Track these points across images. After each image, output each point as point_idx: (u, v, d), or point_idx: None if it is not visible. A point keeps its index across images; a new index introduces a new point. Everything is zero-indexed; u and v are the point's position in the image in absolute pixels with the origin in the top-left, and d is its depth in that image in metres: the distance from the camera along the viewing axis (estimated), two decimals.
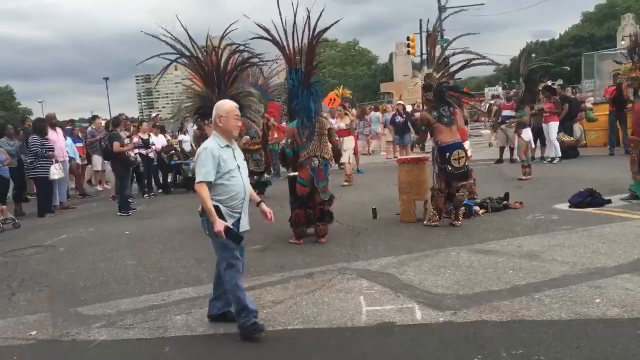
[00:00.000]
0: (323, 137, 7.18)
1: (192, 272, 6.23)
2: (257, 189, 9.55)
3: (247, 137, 10.20)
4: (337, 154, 8.04)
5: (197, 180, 4.13)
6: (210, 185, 4.12)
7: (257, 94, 10.64)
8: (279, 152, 10.58)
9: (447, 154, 7.42)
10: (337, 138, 7.54)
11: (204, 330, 4.47)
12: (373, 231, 7.59)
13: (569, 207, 8.04)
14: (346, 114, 14.28)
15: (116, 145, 10.71)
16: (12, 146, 11.21)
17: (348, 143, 13.21)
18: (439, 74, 7.64)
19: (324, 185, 7.17)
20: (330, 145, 7.27)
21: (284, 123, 12.12)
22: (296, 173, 7.37)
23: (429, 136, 7.93)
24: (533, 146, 12.66)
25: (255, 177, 10.28)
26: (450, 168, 7.44)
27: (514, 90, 11.31)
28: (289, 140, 7.41)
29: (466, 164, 7.58)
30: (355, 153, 14.73)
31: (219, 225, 4.02)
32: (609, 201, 8.04)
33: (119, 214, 10.71)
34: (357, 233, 7.51)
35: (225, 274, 4.25)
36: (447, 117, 7.49)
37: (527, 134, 11.45)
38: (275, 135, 13.22)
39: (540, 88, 13.27)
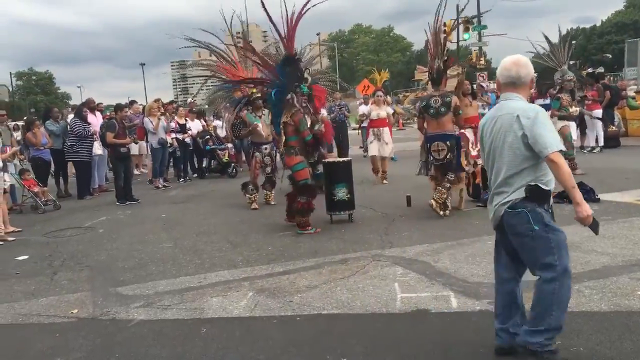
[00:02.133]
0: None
1: (227, 255, 6.31)
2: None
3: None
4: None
5: (552, 149, 3.04)
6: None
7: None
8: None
9: (428, 144, 7.56)
10: (321, 129, 7.42)
11: (240, 312, 4.52)
12: (407, 219, 7.54)
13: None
14: (388, 103, 13.29)
15: (109, 136, 10.59)
16: (58, 127, 11.49)
17: (389, 136, 11.38)
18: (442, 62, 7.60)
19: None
20: None
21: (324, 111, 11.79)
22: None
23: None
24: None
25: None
26: (431, 158, 7.54)
27: (567, 77, 10.55)
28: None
29: (447, 156, 7.41)
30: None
31: (588, 208, 3.13)
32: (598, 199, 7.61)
33: (117, 203, 10.49)
34: (391, 220, 7.48)
35: (558, 284, 3.20)
36: (434, 108, 7.43)
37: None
38: None
39: (584, 75, 12.88)
